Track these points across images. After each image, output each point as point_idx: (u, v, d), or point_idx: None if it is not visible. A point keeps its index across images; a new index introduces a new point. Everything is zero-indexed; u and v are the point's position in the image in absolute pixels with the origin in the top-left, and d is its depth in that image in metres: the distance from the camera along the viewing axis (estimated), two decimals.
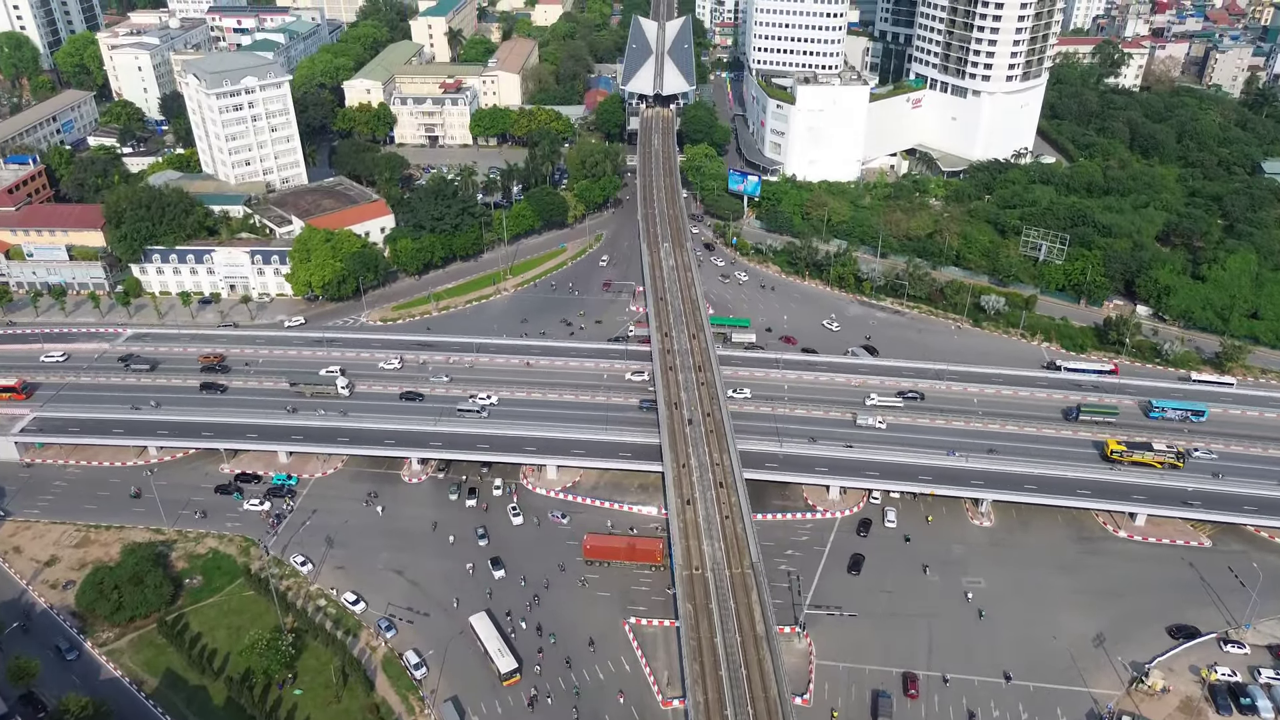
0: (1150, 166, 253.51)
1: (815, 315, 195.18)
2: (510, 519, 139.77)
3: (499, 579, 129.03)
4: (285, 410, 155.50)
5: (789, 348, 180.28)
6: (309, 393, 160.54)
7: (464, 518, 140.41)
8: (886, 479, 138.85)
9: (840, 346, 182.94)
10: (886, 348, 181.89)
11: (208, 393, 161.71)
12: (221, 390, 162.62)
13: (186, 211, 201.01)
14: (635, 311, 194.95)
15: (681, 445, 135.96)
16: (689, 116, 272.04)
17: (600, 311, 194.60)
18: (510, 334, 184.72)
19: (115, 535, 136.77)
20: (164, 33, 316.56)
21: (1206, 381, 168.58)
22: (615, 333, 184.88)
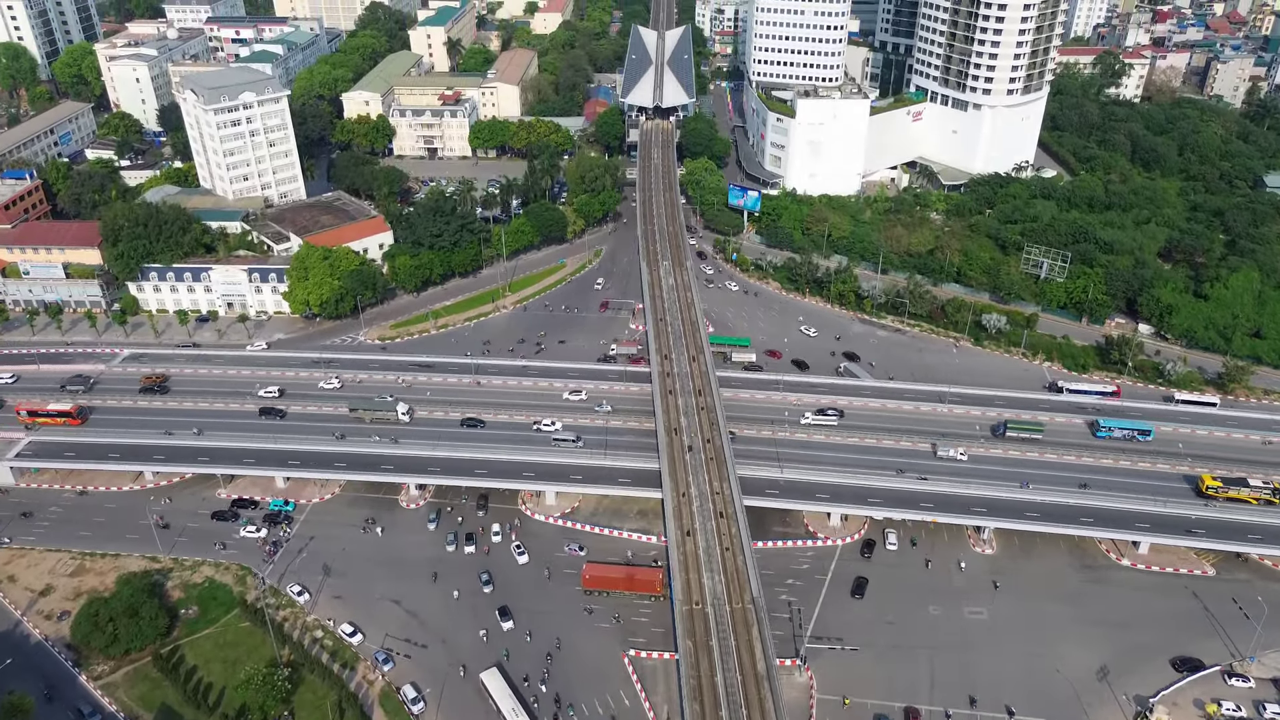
0: (1151, 180, 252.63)
1: (791, 322, 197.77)
2: (515, 558, 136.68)
3: (508, 631, 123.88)
4: (334, 436, 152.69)
5: (773, 361, 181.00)
6: (368, 419, 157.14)
7: (465, 561, 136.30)
8: (889, 506, 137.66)
9: (817, 351, 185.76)
10: (887, 368, 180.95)
11: (266, 418, 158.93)
12: (280, 416, 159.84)
13: (184, 229, 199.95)
14: (635, 330, 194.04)
15: (681, 473, 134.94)
16: (689, 129, 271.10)
17: (601, 331, 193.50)
18: (502, 353, 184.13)
19: (111, 564, 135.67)
20: (162, 43, 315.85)
21: (1190, 402, 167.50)
22: (580, 352, 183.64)
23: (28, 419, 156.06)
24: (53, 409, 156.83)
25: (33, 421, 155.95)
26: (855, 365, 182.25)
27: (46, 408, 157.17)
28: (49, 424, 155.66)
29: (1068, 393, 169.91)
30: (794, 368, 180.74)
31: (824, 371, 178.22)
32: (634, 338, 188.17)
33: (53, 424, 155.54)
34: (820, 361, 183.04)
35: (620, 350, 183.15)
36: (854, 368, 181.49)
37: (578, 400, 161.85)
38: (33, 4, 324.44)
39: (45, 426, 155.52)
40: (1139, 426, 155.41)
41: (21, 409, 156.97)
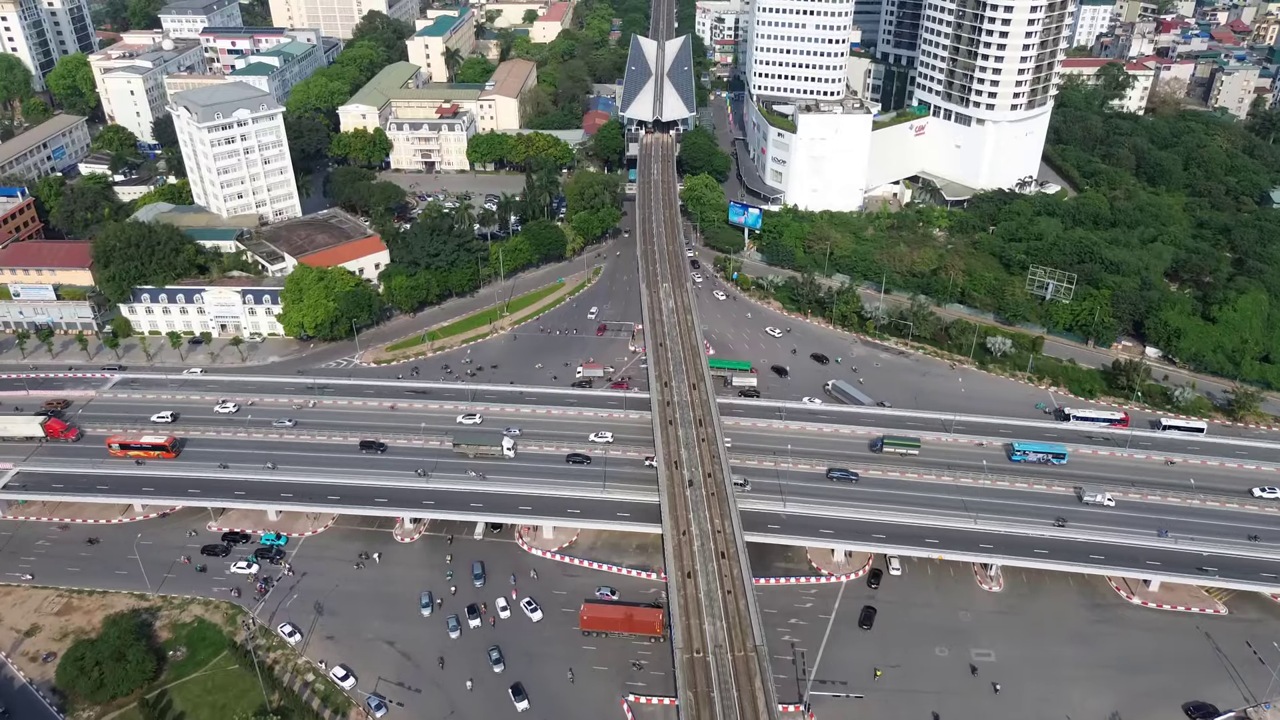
0: (1156, 195, 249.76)
1: (760, 326, 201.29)
2: (527, 615, 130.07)
3: (523, 712, 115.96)
4: (416, 473, 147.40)
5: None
6: (472, 454, 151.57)
7: (471, 637, 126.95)
8: (893, 541, 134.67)
9: (784, 354, 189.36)
10: (890, 393, 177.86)
11: (368, 452, 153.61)
12: (381, 449, 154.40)
13: (176, 250, 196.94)
14: (636, 353, 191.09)
15: (682, 510, 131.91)
16: (689, 143, 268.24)
17: (598, 355, 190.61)
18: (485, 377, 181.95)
19: (98, 602, 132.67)
20: (157, 55, 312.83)
21: (1176, 427, 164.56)
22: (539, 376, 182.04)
23: (120, 452, 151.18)
24: (146, 442, 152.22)
25: (124, 455, 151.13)
26: (844, 383, 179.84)
27: (140, 440, 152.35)
28: (142, 456, 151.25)
29: (1074, 420, 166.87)
30: (774, 374, 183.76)
31: (802, 375, 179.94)
32: (587, 359, 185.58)
33: (146, 457, 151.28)
34: (787, 362, 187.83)
35: (586, 373, 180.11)
36: (844, 385, 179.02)
37: (471, 424, 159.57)
38: (27, 14, 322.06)
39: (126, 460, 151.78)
40: (1053, 450, 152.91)
41: (113, 441, 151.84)
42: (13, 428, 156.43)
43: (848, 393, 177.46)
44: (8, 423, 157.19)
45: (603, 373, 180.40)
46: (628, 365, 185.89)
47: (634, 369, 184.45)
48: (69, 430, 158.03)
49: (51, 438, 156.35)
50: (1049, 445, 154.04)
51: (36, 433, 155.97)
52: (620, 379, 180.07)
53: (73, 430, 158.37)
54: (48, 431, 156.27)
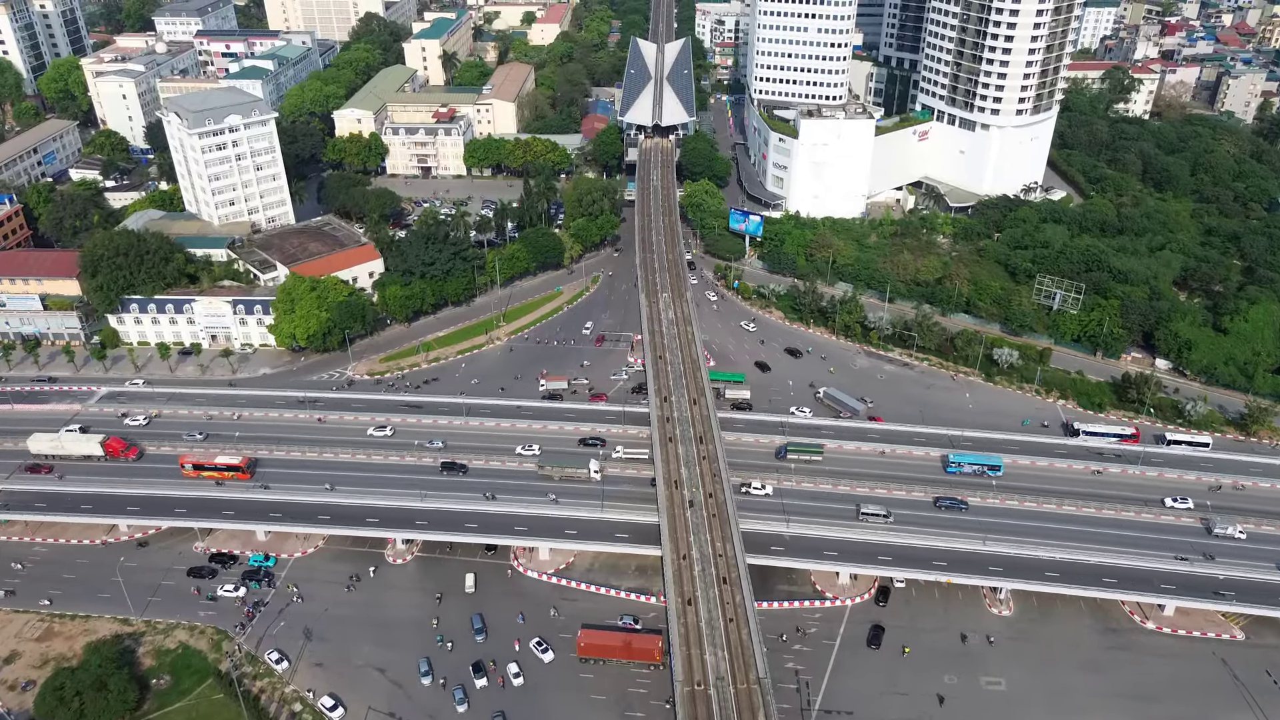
0: (1163, 201, 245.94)
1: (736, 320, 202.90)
2: (537, 655, 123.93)
3: None
4: (484, 496, 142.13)
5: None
6: (557, 476, 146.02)
7: (477, 699, 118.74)
8: (900, 564, 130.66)
9: (761, 349, 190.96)
10: (894, 406, 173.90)
11: (449, 474, 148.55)
12: (463, 471, 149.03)
13: (166, 259, 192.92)
14: (633, 363, 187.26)
15: (682, 533, 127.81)
16: (689, 149, 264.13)
17: (596, 366, 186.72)
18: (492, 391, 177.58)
19: (80, 627, 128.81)
20: (150, 58, 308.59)
21: (1181, 442, 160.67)
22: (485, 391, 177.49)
23: (193, 473, 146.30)
24: (221, 463, 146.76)
25: (197, 475, 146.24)
26: (835, 391, 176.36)
27: (214, 461, 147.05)
28: (216, 478, 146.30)
29: (1084, 435, 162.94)
30: (758, 369, 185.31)
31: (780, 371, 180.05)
32: (544, 371, 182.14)
33: (221, 478, 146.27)
34: (756, 355, 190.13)
35: (549, 386, 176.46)
36: (835, 393, 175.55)
37: (381, 437, 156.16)
38: (18, 16, 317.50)
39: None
40: (989, 461, 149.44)
41: (186, 461, 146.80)
42: (71, 446, 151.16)
43: (840, 400, 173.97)
44: (66, 441, 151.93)
45: (567, 384, 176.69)
46: (628, 376, 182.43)
47: (603, 382, 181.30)
48: (130, 449, 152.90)
49: (111, 457, 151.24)
50: (985, 457, 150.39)
51: (96, 451, 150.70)
52: (598, 391, 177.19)
53: (134, 449, 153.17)
54: (108, 450, 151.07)
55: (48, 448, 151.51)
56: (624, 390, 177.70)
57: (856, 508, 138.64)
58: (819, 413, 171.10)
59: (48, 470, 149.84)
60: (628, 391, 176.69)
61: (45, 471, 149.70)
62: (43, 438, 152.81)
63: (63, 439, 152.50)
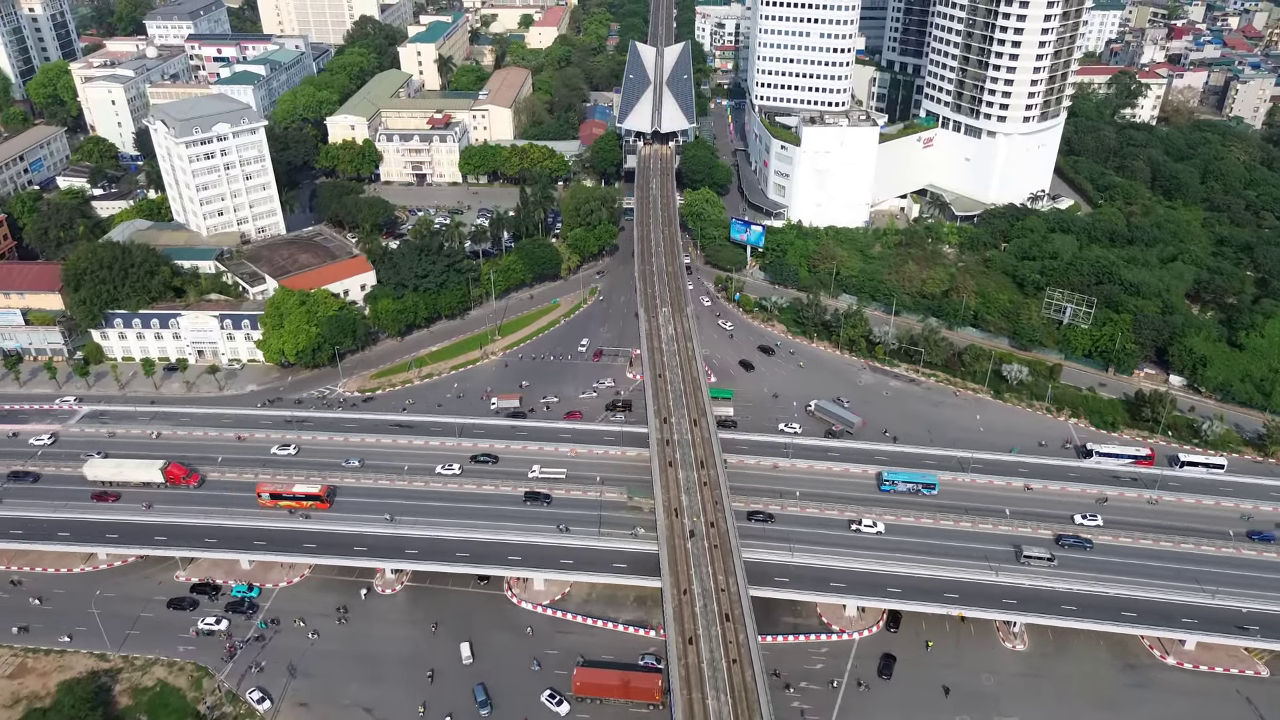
0: (1173, 209, 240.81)
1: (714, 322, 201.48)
2: (551, 710, 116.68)
3: None
4: (558, 529, 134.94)
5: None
6: (646, 508, 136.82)
7: None
8: (909, 596, 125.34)
9: (742, 348, 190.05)
10: (902, 425, 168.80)
11: (532, 504, 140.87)
12: (547, 501, 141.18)
13: (151, 272, 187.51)
14: (633, 379, 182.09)
15: (683, 566, 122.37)
16: (688, 156, 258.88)
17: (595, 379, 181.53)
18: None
19: (55, 663, 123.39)
20: (140, 63, 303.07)
21: (1195, 464, 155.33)
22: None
23: (270, 502, 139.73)
24: (299, 491, 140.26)
25: (275, 505, 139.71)
26: (827, 404, 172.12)
27: (292, 489, 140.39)
28: (294, 507, 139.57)
29: (1097, 456, 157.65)
30: (741, 368, 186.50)
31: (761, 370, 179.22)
32: (516, 390, 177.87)
33: (299, 508, 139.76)
34: (737, 353, 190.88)
35: (501, 404, 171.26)
36: (828, 406, 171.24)
37: (285, 455, 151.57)
38: (6, 20, 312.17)
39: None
40: (923, 480, 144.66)
41: (263, 490, 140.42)
42: (129, 472, 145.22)
43: (834, 413, 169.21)
44: (125, 467, 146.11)
45: (519, 403, 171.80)
46: (597, 394, 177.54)
47: (571, 400, 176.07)
48: (191, 475, 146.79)
49: (172, 484, 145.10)
50: (920, 475, 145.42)
51: (155, 478, 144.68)
52: (572, 409, 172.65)
53: (195, 475, 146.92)
54: (168, 477, 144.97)
55: (106, 474, 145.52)
56: (596, 406, 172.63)
57: (1017, 550, 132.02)
58: (809, 427, 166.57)
59: (115, 498, 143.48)
60: (601, 408, 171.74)
61: (112, 499, 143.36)
62: (100, 463, 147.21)
63: (123, 465, 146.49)
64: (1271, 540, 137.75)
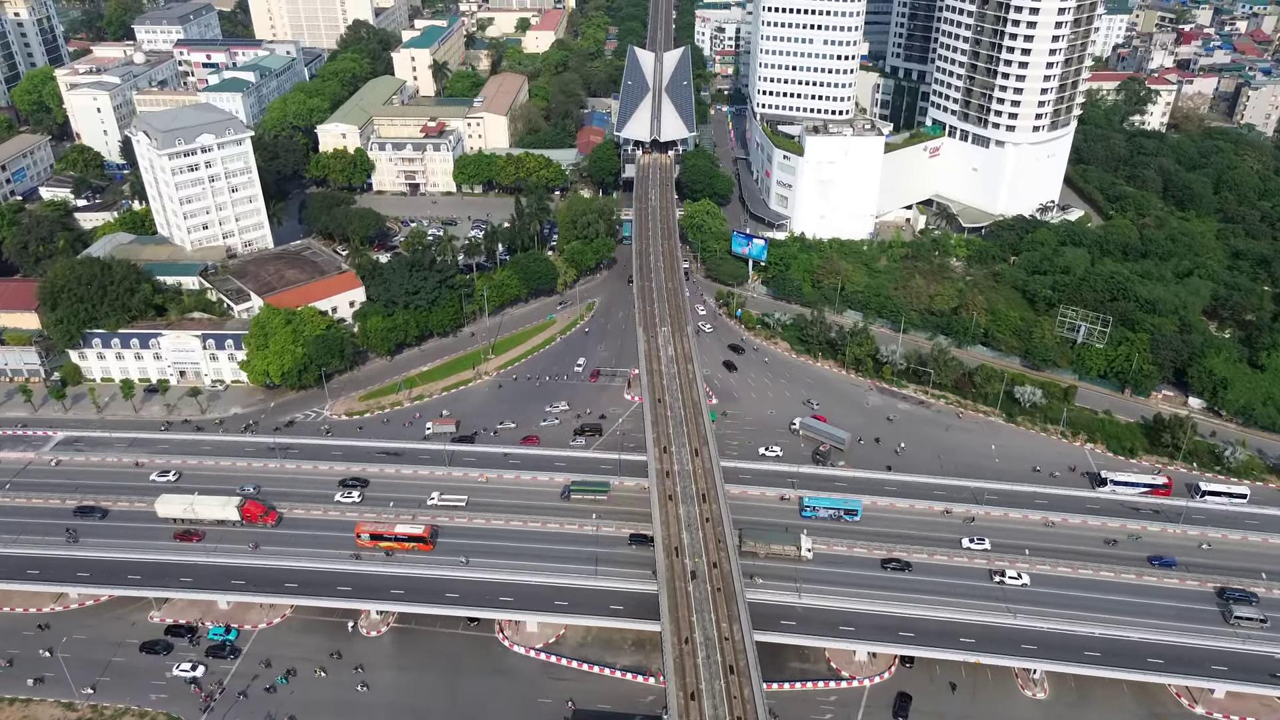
0: (1186, 220, 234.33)
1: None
2: None
3: None
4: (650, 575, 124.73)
5: None
6: (763, 553, 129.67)
7: None
8: (923, 641, 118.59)
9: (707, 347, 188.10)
10: (913, 450, 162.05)
11: (637, 546, 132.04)
12: (649, 542, 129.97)
13: (131, 289, 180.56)
14: (631, 401, 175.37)
15: (684, 611, 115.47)
16: (688, 165, 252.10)
17: (592, 401, 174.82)
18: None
19: (19, 713, 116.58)
20: (127, 69, 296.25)
21: (1216, 493, 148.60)
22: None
23: (369, 543, 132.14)
24: (401, 532, 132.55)
25: (375, 546, 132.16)
26: (812, 420, 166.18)
27: (394, 530, 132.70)
28: (395, 549, 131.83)
29: (1111, 485, 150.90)
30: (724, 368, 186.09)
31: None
32: (441, 414, 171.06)
33: (401, 549, 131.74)
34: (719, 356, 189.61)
35: (437, 429, 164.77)
36: (812, 423, 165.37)
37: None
38: None
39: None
40: (846, 505, 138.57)
41: (362, 530, 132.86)
42: (203, 510, 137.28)
43: (820, 430, 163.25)
44: (198, 504, 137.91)
45: (454, 428, 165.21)
46: (560, 420, 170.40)
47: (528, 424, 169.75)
48: (269, 513, 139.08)
49: (248, 522, 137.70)
50: (841, 500, 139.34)
51: (231, 516, 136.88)
52: (530, 434, 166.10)
53: (273, 514, 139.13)
54: (244, 515, 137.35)
55: (178, 511, 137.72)
56: (560, 433, 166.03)
57: (1225, 611, 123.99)
58: (793, 447, 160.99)
59: (198, 538, 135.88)
60: (569, 436, 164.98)
61: (196, 539, 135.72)
62: (172, 499, 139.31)
63: (196, 502, 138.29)
64: (1173, 566, 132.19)
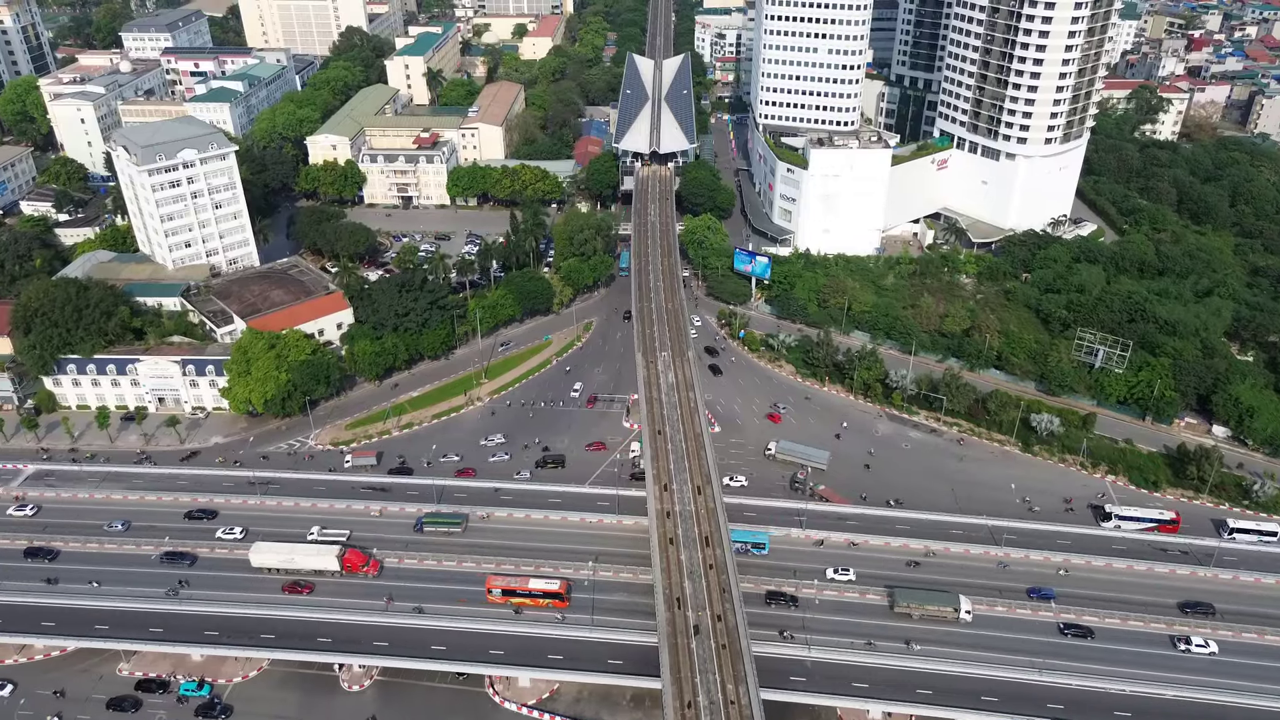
0: (1202, 234, 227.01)
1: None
2: None
3: None
4: (781, 636, 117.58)
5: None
6: (916, 615, 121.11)
7: None
8: (941, 700, 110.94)
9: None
10: (925, 483, 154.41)
11: (776, 606, 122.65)
12: (793, 603, 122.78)
13: (108, 313, 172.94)
14: (630, 428, 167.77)
15: (687, 670, 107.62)
16: (689, 178, 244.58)
17: (588, 428, 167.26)
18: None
19: None
20: (112, 78, 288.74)
21: (1245, 531, 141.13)
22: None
23: (500, 599, 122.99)
24: (536, 588, 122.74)
25: (506, 601, 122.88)
26: (788, 443, 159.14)
27: (528, 586, 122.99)
28: (527, 605, 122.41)
29: (1116, 519, 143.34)
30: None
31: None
32: (357, 446, 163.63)
33: (535, 605, 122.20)
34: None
35: (357, 461, 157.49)
36: (789, 445, 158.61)
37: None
38: None
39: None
40: (754, 539, 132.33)
41: (494, 586, 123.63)
42: (301, 560, 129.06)
43: (799, 452, 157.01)
44: (295, 553, 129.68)
45: (375, 459, 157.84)
46: (497, 457, 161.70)
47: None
48: (370, 562, 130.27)
49: (349, 573, 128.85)
50: (749, 533, 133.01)
51: (330, 566, 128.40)
52: (467, 466, 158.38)
53: (375, 563, 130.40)
54: (345, 565, 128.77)
55: (274, 561, 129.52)
56: (499, 466, 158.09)
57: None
58: (765, 475, 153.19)
59: (308, 590, 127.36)
60: (511, 471, 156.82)
61: (306, 591, 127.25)
62: (267, 547, 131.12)
63: (294, 551, 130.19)
64: (1051, 598, 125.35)
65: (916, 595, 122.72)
